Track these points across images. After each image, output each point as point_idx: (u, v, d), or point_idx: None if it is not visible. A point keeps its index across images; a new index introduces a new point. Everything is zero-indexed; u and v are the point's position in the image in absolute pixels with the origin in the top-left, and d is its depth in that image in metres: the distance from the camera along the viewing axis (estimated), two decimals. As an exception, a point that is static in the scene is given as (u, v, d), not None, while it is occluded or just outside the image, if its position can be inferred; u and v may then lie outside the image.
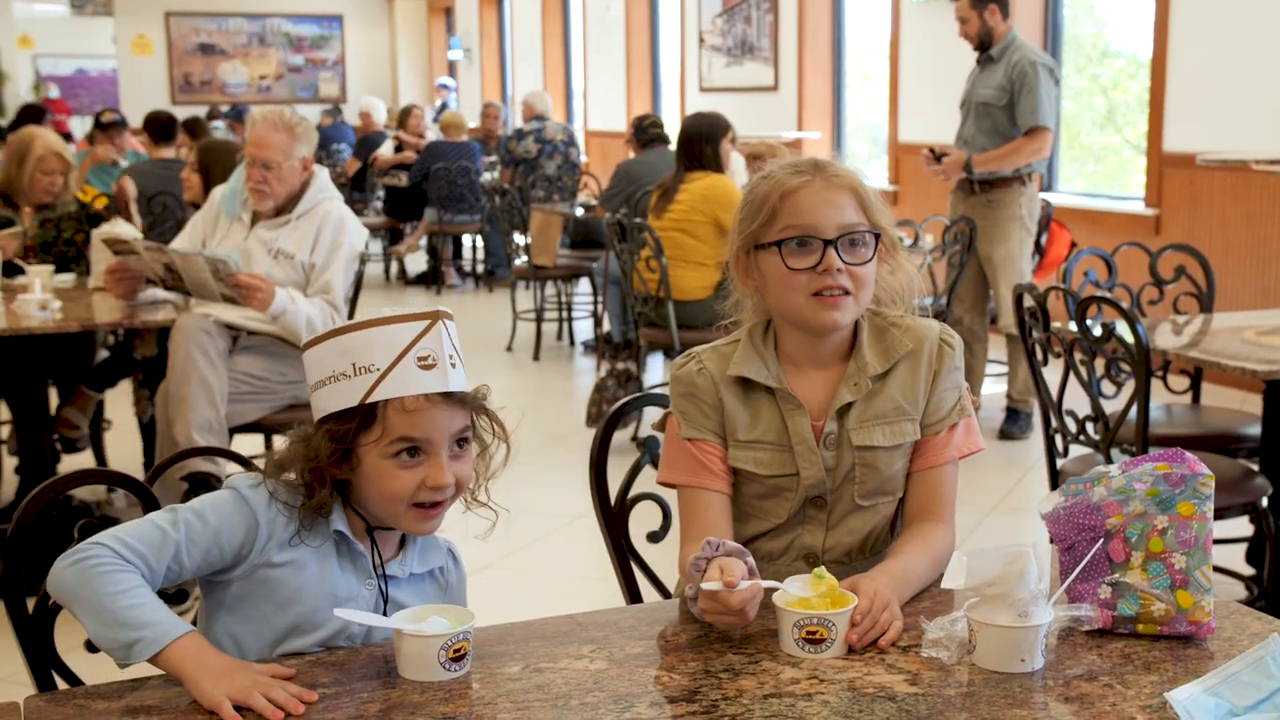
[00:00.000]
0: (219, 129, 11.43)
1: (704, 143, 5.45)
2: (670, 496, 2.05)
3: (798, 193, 1.78)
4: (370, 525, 1.65)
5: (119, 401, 5.37)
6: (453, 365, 1.62)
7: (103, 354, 4.87)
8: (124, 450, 5.13)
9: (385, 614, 1.60)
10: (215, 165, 4.67)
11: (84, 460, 4.94)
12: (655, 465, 2.06)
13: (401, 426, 1.57)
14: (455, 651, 1.47)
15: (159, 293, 4.04)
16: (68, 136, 13.48)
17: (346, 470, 1.60)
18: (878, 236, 1.79)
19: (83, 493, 4.50)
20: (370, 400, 1.57)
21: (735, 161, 5.94)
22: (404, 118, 11.30)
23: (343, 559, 1.63)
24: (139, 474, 1.86)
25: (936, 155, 5.46)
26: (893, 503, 1.86)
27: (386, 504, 1.60)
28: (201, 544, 1.55)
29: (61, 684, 1.67)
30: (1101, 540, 1.60)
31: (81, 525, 1.70)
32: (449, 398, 1.60)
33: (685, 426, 1.84)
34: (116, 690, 1.45)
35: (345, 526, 1.62)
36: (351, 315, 4.04)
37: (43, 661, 1.67)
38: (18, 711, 1.41)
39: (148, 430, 4.66)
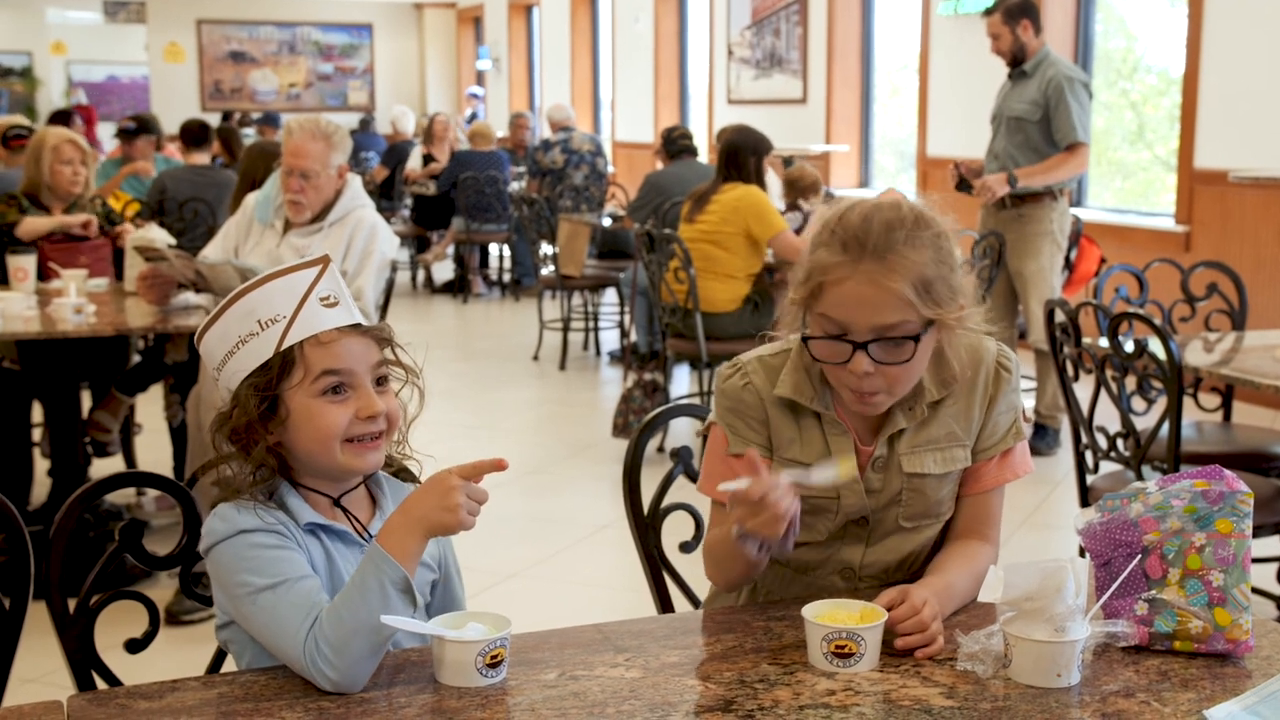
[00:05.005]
0: (249, 136, 11.51)
1: (749, 154, 5.47)
2: (703, 505, 2.05)
3: (839, 285, 1.65)
4: (334, 499, 1.65)
5: (150, 406, 5.41)
6: (353, 303, 1.65)
7: (134, 358, 4.91)
8: (154, 454, 5.17)
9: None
10: (246, 164, 4.74)
11: (115, 464, 4.97)
12: (688, 476, 2.07)
13: (322, 360, 1.59)
14: (492, 658, 1.48)
15: (191, 297, 4.07)
16: (92, 144, 13.59)
17: (276, 425, 1.59)
18: (919, 334, 1.65)
19: (112, 496, 4.53)
20: (285, 345, 1.58)
21: (771, 182, 5.95)
22: (429, 128, 11.33)
23: (333, 543, 1.63)
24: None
25: (967, 171, 5.44)
26: (936, 525, 1.84)
27: (322, 444, 1.59)
28: (311, 578, 1.54)
29: (101, 683, 1.69)
30: (1138, 556, 1.60)
31: (122, 527, 1.71)
32: (359, 329, 1.63)
33: (733, 442, 1.80)
34: (158, 690, 1.46)
35: (314, 514, 1.62)
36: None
37: (83, 661, 1.69)
38: (61, 710, 1.42)
39: (178, 434, 4.69)
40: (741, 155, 5.46)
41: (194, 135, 7.15)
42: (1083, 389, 3.42)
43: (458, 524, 1.51)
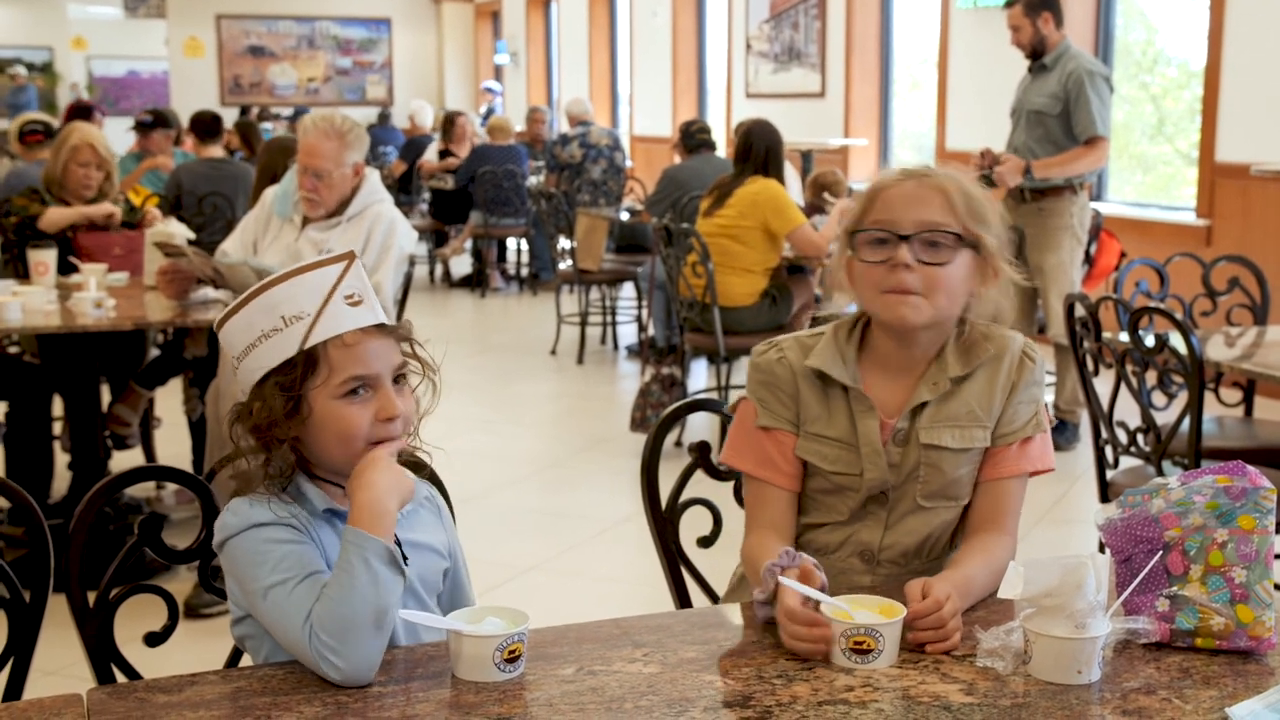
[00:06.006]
0: (269, 131, 11.53)
1: (768, 148, 5.46)
2: (721, 500, 2.05)
3: (889, 189, 1.79)
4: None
5: (169, 400, 5.43)
6: (376, 301, 1.65)
7: (154, 353, 4.93)
8: (173, 448, 5.18)
9: (405, 560, 1.60)
10: (264, 159, 4.76)
11: (134, 457, 4.99)
12: (707, 470, 2.06)
13: (347, 364, 1.58)
14: (510, 653, 1.48)
15: (210, 292, 4.08)
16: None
17: (297, 423, 1.60)
18: (960, 239, 1.76)
19: (132, 489, 4.55)
20: (309, 344, 1.58)
21: (790, 178, 5.94)
22: (448, 126, 11.32)
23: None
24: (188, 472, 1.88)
25: (994, 158, 5.41)
26: (954, 508, 1.85)
27: (344, 445, 1.59)
28: (322, 573, 1.53)
29: (120, 677, 1.69)
30: (1160, 553, 1.59)
31: (141, 521, 1.72)
32: (382, 329, 1.63)
33: (762, 414, 1.84)
34: (176, 684, 1.47)
35: (328, 502, 1.62)
36: (399, 319, 4.07)
37: (102, 654, 1.69)
38: (80, 703, 1.43)
39: (196, 428, 4.71)
40: (761, 149, 5.45)
41: (206, 127, 7.15)
42: (1103, 384, 3.40)
43: (412, 487, 1.59)
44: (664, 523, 2.07)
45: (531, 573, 4.17)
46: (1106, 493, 3.41)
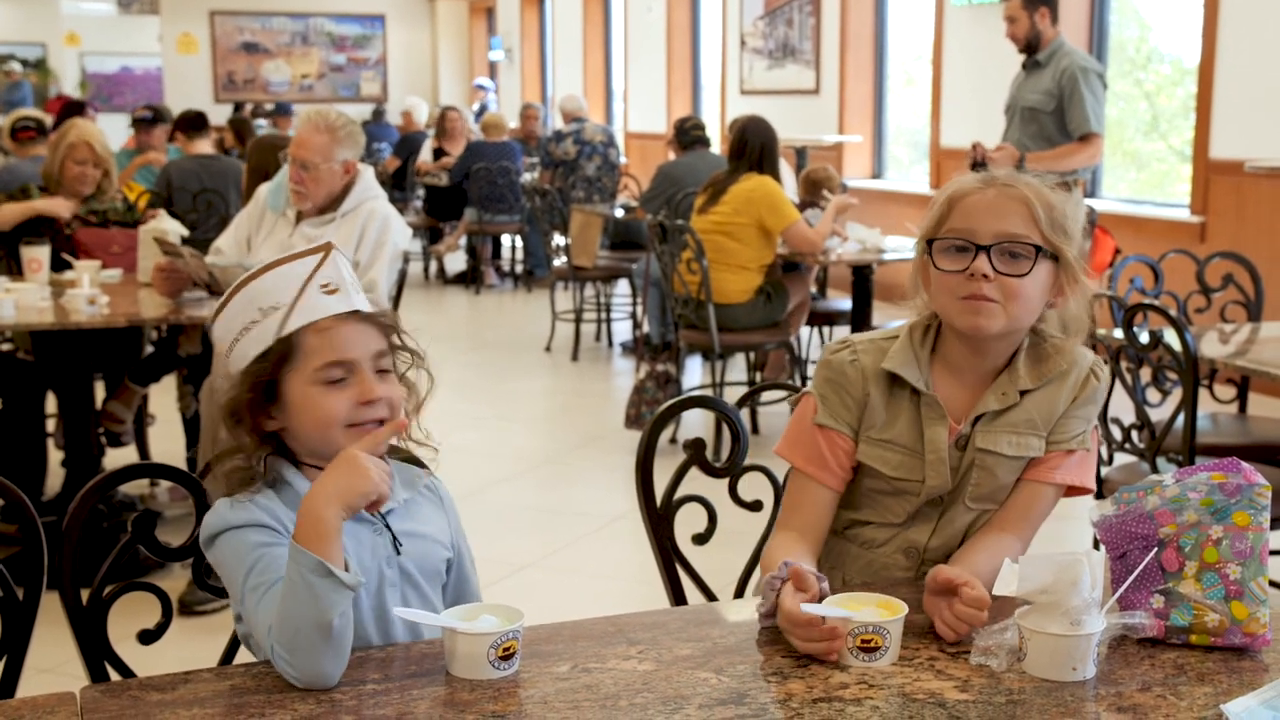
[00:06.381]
0: (261, 127, 11.50)
1: (763, 144, 5.45)
2: (716, 497, 2.05)
3: (968, 197, 1.77)
4: None
5: (163, 397, 5.42)
6: (356, 291, 1.64)
7: (148, 349, 4.92)
8: (167, 445, 5.18)
9: (398, 550, 1.61)
10: (254, 158, 4.75)
11: (128, 454, 4.99)
12: (701, 467, 2.06)
13: (322, 349, 1.59)
14: (504, 650, 1.47)
15: (204, 293, 4.07)
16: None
17: (279, 412, 1.60)
18: (1041, 251, 1.74)
19: (126, 486, 4.54)
20: (285, 332, 1.59)
21: (784, 173, 5.94)
22: (441, 122, 11.29)
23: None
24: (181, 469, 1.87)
25: (984, 151, 5.41)
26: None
27: (322, 430, 1.59)
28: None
29: (114, 674, 1.69)
30: (1155, 549, 1.59)
31: (135, 519, 1.71)
32: (358, 315, 1.62)
33: (822, 411, 1.83)
34: (170, 682, 1.46)
35: None
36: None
37: (96, 652, 1.69)
38: (74, 701, 1.42)
39: (190, 425, 4.70)
40: (756, 146, 5.45)
41: (192, 123, 7.13)
42: (1097, 380, 3.40)
43: (373, 488, 1.50)
44: (659, 520, 2.07)
45: (526, 570, 4.17)
46: (1101, 489, 3.42)
